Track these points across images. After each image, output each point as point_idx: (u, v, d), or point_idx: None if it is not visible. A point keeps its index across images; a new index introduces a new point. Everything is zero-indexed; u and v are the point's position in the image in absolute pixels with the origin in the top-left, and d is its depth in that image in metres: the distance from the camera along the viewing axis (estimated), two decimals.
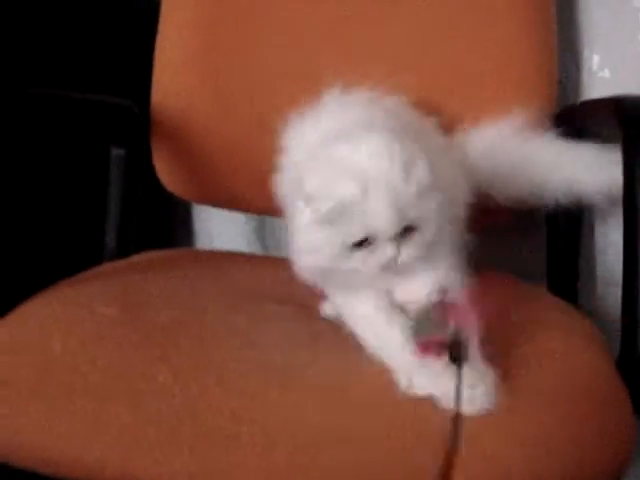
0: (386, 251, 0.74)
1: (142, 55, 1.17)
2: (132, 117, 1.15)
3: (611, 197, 0.93)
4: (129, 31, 1.33)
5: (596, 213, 1.20)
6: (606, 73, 1.18)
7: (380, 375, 0.75)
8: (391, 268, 0.75)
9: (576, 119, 1.10)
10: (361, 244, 0.74)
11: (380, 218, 0.72)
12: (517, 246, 1.25)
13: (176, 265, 1.10)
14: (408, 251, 0.75)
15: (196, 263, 1.13)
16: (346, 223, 0.73)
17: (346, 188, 0.72)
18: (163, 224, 1.50)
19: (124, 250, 1.14)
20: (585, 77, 1.19)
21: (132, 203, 1.16)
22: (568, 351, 0.83)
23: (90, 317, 0.85)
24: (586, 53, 1.19)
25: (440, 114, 0.99)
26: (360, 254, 0.75)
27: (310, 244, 0.76)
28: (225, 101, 1.13)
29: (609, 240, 1.18)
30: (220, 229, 1.46)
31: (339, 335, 0.82)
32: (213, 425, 0.70)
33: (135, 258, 1.11)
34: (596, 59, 1.18)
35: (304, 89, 0.94)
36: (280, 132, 0.92)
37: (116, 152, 1.15)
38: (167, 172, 1.16)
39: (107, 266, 1.07)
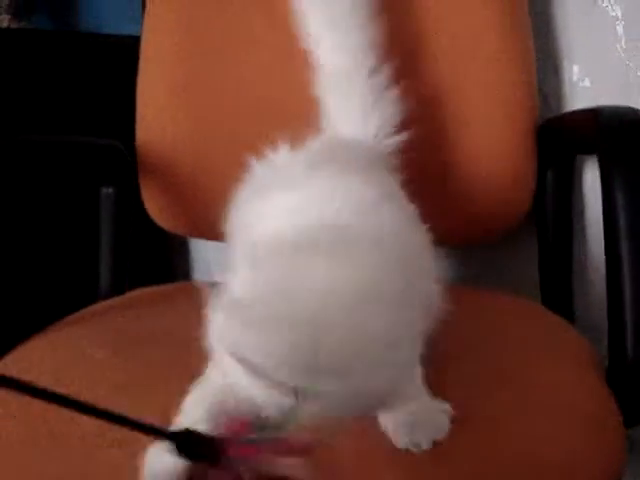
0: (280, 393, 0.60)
1: (125, 93, 1.18)
2: (119, 156, 1.16)
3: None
4: (110, 70, 1.34)
5: (587, 224, 1.20)
6: (587, 83, 1.18)
7: None
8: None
9: (558, 131, 1.10)
10: None
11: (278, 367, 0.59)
12: (510, 261, 1.25)
13: (170, 300, 1.11)
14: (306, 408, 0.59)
15: (190, 297, 1.13)
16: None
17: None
18: (161, 258, 1.51)
19: (119, 288, 1.15)
20: (567, 88, 1.19)
21: (124, 240, 1.17)
22: (557, 366, 0.83)
23: (81, 361, 0.86)
24: (566, 63, 1.19)
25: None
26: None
27: None
28: (210, 134, 1.14)
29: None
30: (218, 259, 1.46)
31: None
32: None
33: (129, 296, 1.12)
34: (576, 69, 1.19)
35: (289, 117, 0.96)
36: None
37: (105, 191, 1.16)
38: (157, 208, 1.17)
39: (100, 305, 1.07)
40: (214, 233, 1.19)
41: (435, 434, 0.67)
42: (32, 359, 0.87)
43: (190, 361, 0.88)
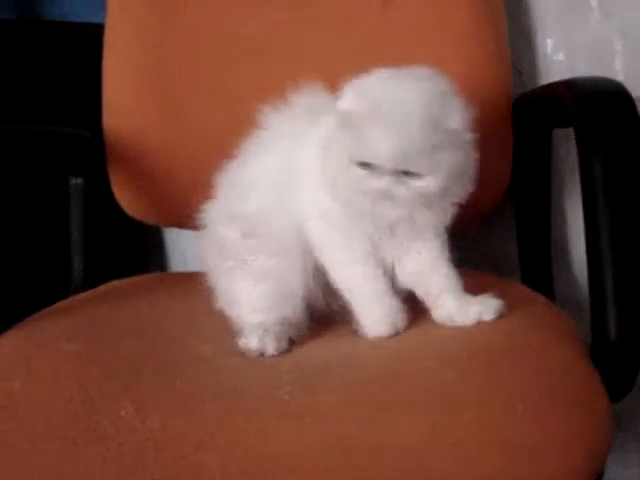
0: (382, 180, 0.78)
1: (92, 82, 1.16)
2: (87, 145, 1.13)
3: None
4: (76, 59, 1.31)
5: (565, 201, 1.19)
6: (561, 56, 1.16)
7: (346, 391, 0.74)
8: (386, 199, 0.79)
9: (532, 106, 1.08)
10: (366, 165, 0.78)
11: (382, 147, 0.76)
12: (489, 241, 1.24)
13: (143, 292, 1.09)
14: (407, 192, 0.78)
15: (163, 288, 1.12)
16: (355, 140, 0.78)
17: (366, 108, 0.77)
18: (136, 249, 1.48)
19: (91, 280, 1.13)
20: (541, 62, 1.18)
21: (95, 232, 1.15)
22: (541, 345, 0.81)
23: (52, 355, 0.83)
24: (539, 37, 1.18)
25: None
26: (362, 172, 0.79)
27: (331, 149, 0.81)
28: (178, 120, 1.12)
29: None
30: (193, 249, 1.44)
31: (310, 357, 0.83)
32: (176, 456, 0.68)
33: (102, 288, 1.09)
34: (550, 43, 1.17)
35: (257, 101, 0.93)
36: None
37: (74, 182, 1.13)
38: (126, 197, 1.14)
39: (72, 299, 1.05)
40: (187, 222, 1.17)
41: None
42: (2, 353, 0.85)
43: (162, 352, 0.87)
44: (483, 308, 0.86)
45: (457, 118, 0.79)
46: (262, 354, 0.85)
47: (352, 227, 0.86)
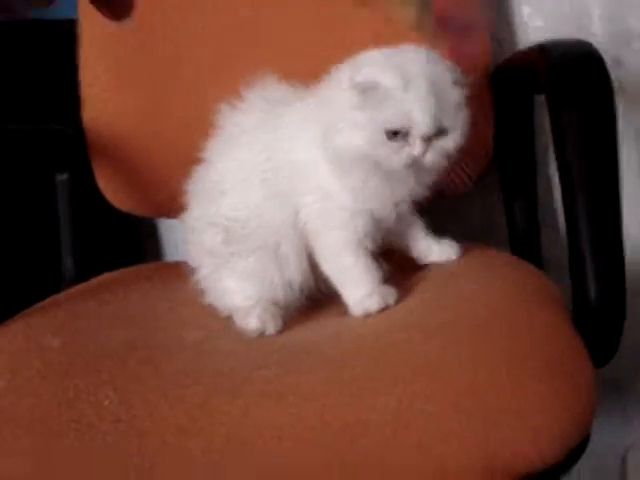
0: (416, 147, 0.82)
1: (71, 78, 1.15)
2: (70, 141, 1.13)
3: None
4: (53, 56, 1.31)
5: (550, 167, 1.18)
6: (539, 22, 1.15)
7: (329, 369, 0.74)
8: (415, 168, 0.84)
9: (510, 73, 1.07)
10: (396, 135, 0.82)
11: (418, 113, 0.81)
12: (477, 212, 1.23)
13: (134, 283, 1.08)
14: (434, 155, 0.83)
15: (156, 278, 1.12)
16: (387, 109, 0.81)
17: (391, 78, 0.81)
18: (130, 241, 1.48)
19: (83, 274, 1.13)
20: (519, 29, 1.17)
21: (84, 226, 1.15)
22: (524, 312, 0.81)
23: (36, 349, 0.84)
24: (515, 5, 1.17)
25: None
26: (393, 144, 0.82)
27: (354, 123, 0.83)
28: (158, 109, 1.12)
29: None
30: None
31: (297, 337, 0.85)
32: (160, 442, 0.69)
33: (93, 281, 1.09)
34: (526, 10, 1.16)
35: (233, 86, 0.94)
36: None
37: (60, 178, 1.14)
38: (111, 189, 1.14)
39: (64, 294, 1.05)
40: (174, 212, 1.17)
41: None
42: None
43: (150, 341, 0.87)
44: (451, 250, 0.96)
45: (460, 80, 0.85)
46: (262, 333, 0.87)
47: (357, 207, 0.88)
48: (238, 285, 0.92)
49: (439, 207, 1.01)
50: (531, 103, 1.12)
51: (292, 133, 0.91)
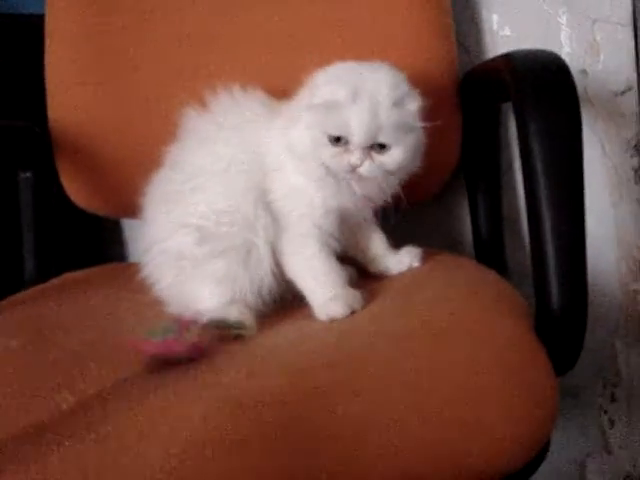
0: (353, 156, 0.86)
1: (36, 74, 1.14)
2: (33, 138, 1.12)
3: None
4: (18, 51, 1.29)
5: (515, 176, 1.19)
6: (507, 31, 1.16)
7: (288, 375, 0.74)
8: (356, 176, 0.88)
9: (477, 82, 1.08)
10: (338, 141, 0.87)
11: (356, 124, 0.86)
12: (442, 220, 1.24)
13: (96, 284, 1.08)
14: (371, 168, 0.87)
15: (119, 279, 1.10)
16: (332, 117, 0.87)
17: (342, 92, 0.87)
18: (94, 241, 1.46)
19: (44, 274, 1.12)
20: (487, 38, 1.17)
21: (46, 225, 1.14)
22: (486, 321, 0.81)
23: None
24: (484, 13, 1.17)
25: None
26: (335, 148, 0.87)
27: (306, 123, 0.89)
28: (123, 108, 1.11)
29: None
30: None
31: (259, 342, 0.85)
32: (118, 447, 0.68)
33: (54, 281, 1.08)
34: (495, 18, 1.16)
35: (200, 87, 0.93)
36: None
37: (23, 176, 1.12)
38: (75, 188, 1.13)
39: (22, 294, 1.04)
40: (137, 212, 1.16)
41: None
42: None
43: (110, 344, 0.86)
44: (411, 257, 0.98)
45: (413, 103, 0.89)
46: (240, 335, 0.86)
47: (321, 204, 0.92)
48: (210, 289, 0.91)
49: (405, 213, 1.01)
50: (497, 112, 1.13)
51: (263, 131, 0.94)
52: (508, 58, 0.91)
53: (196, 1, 1.12)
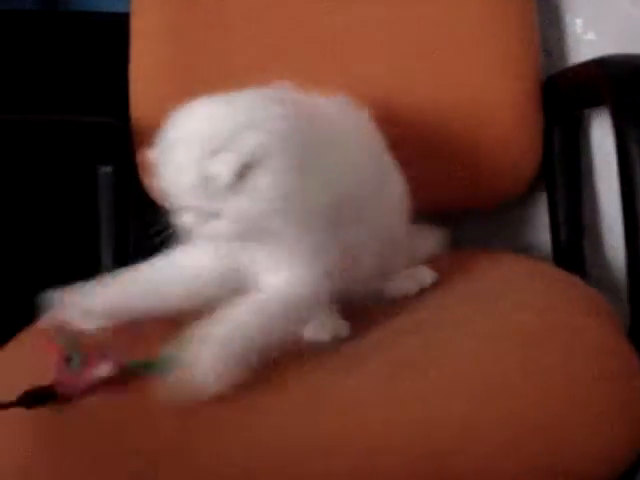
0: (187, 216, 0.74)
1: (119, 71, 1.15)
2: (115, 133, 1.13)
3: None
4: (102, 49, 1.31)
5: (596, 184, 1.17)
6: (591, 35, 1.15)
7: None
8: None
9: (563, 87, 1.07)
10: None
11: (175, 185, 0.74)
12: (521, 224, 1.23)
13: None
14: (207, 231, 0.73)
15: None
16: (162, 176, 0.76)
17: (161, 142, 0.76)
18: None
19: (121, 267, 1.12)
20: (571, 42, 1.16)
21: (125, 220, 1.15)
22: (576, 325, 0.80)
23: None
24: (568, 17, 1.16)
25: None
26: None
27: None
28: None
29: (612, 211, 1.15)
30: None
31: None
32: None
33: None
34: (579, 22, 1.15)
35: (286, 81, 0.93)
36: None
37: (103, 170, 1.13)
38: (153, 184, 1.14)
39: None
40: None
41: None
42: None
43: None
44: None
45: (228, 168, 0.71)
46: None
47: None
48: None
49: (483, 219, 1.01)
50: (580, 118, 1.12)
51: None
52: (602, 63, 0.90)
53: None
